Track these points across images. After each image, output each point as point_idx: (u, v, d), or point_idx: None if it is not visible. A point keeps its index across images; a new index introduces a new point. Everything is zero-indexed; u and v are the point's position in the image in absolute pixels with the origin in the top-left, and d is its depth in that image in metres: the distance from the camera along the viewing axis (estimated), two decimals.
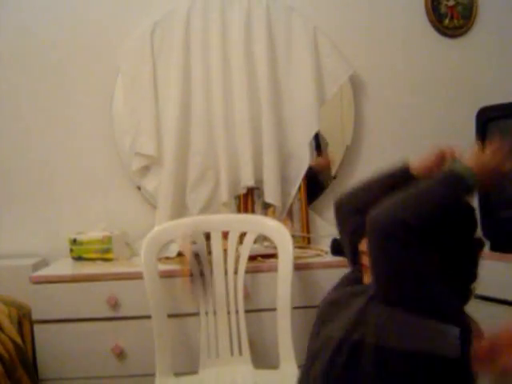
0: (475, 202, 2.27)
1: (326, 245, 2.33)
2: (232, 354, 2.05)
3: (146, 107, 2.46)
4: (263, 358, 2.08)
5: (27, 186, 2.54)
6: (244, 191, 2.49)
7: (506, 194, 2.26)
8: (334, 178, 2.60)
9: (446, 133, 2.63)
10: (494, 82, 2.60)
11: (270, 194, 2.44)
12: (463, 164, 1.34)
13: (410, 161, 1.54)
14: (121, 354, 2.08)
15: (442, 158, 1.47)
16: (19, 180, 2.54)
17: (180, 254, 2.22)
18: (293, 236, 2.09)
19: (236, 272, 2.07)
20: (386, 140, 2.63)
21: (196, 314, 2.07)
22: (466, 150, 1.42)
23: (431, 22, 2.61)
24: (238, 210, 2.51)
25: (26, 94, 2.53)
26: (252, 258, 2.13)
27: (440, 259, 1.29)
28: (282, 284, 2.00)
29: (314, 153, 2.57)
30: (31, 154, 2.54)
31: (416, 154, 2.59)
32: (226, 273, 2.08)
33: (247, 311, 2.07)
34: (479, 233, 2.24)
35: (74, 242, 2.32)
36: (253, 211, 2.50)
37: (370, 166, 2.61)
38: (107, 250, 2.30)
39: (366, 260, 1.41)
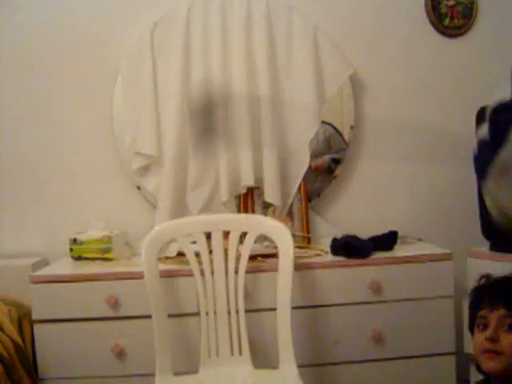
0: (475, 202, 2.29)
1: (325, 245, 2.33)
2: (232, 353, 2.05)
3: (145, 107, 2.46)
4: (263, 357, 2.08)
5: (27, 186, 2.53)
6: (244, 191, 2.49)
7: None
8: (335, 177, 2.60)
9: (446, 133, 2.63)
10: (494, 82, 2.60)
11: (270, 194, 2.44)
12: None
13: None
14: (121, 354, 2.08)
15: None
16: (19, 180, 2.54)
17: (180, 254, 2.22)
18: (293, 236, 2.09)
19: (237, 272, 2.07)
20: (386, 140, 2.63)
21: (196, 314, 2.07)
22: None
23: (431, 22, 2.61)
24: (238, 210, 2.51)
25: (25, 94, 2.52)
26: (252, 258, 2.13)
27: None
28: (282, 284, 2.00)
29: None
30: (31, 154, 2.54)
31: (416, 155, 2.62)
32: (226, 272, 2.08)
33: (247, 311, 2.07)
34: (479, 233, 2.25)
35: (74, 241, 2.32)
36: (253, 211, 2.50)
37: (370, 165, 2.63)
38: (107, 250, 2.30)
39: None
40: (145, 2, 2.53)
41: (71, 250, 2.33)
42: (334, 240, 2.27)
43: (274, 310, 2.00)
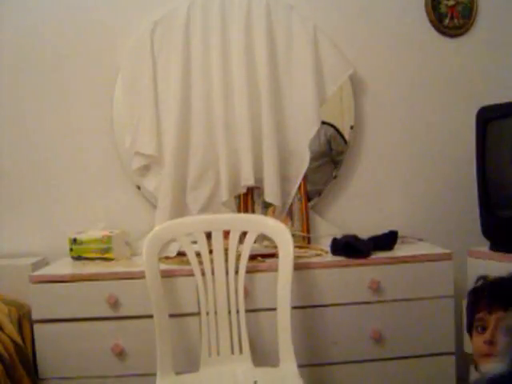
0: (475, 202, 2.29)
1: (325, 245, 2.32)
2: (232, 352, 2.05)
3: (146, 107, 2.46)
4: (263, 356, 2.08)
5: (27, 186, 2.54)
6: (244, 190, 2.49)
7: (505, 193, 2.26)
8: (335, 177, 2.60)
9: (446, 133, 2.63)
10: (494, 82, 2.60)
11: (270, 194, 2.44)
12: None
13: None
14: (121, 354, 2.08)
15: None
16: (19, 180, 2.54)
17: (180, 254, 2.22)
18: (293, 235, 2.09)
19: (237, 271, 2.07)
20: (386, 140, 2.63)
21: (196, 314, 2.07)
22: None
23: (431, 21, 2.61)
24: (238, 210, 2.51)
25: (26, 94, 2.52)
26: (252, 258, 2.13)
27: None
28: (281, 284, 2.00)
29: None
30: (31, 154, 2.54)
31: (416, 154, 2.62)
32: (226, 272, 2.08)
33: (247, 311, 2.07)
34: (479, 233, 2.25)
35: (74, 241, 2.32)
36: (253, 211, 2.50)
37: (370, 165, 2.63)
38: (107, 250, 2.30)
39: None
40: (145, 1, 2.53)
41: (71, 249, 2.32)
42: (334, 240, 2.27)
43: (274, 309, 2.00)
